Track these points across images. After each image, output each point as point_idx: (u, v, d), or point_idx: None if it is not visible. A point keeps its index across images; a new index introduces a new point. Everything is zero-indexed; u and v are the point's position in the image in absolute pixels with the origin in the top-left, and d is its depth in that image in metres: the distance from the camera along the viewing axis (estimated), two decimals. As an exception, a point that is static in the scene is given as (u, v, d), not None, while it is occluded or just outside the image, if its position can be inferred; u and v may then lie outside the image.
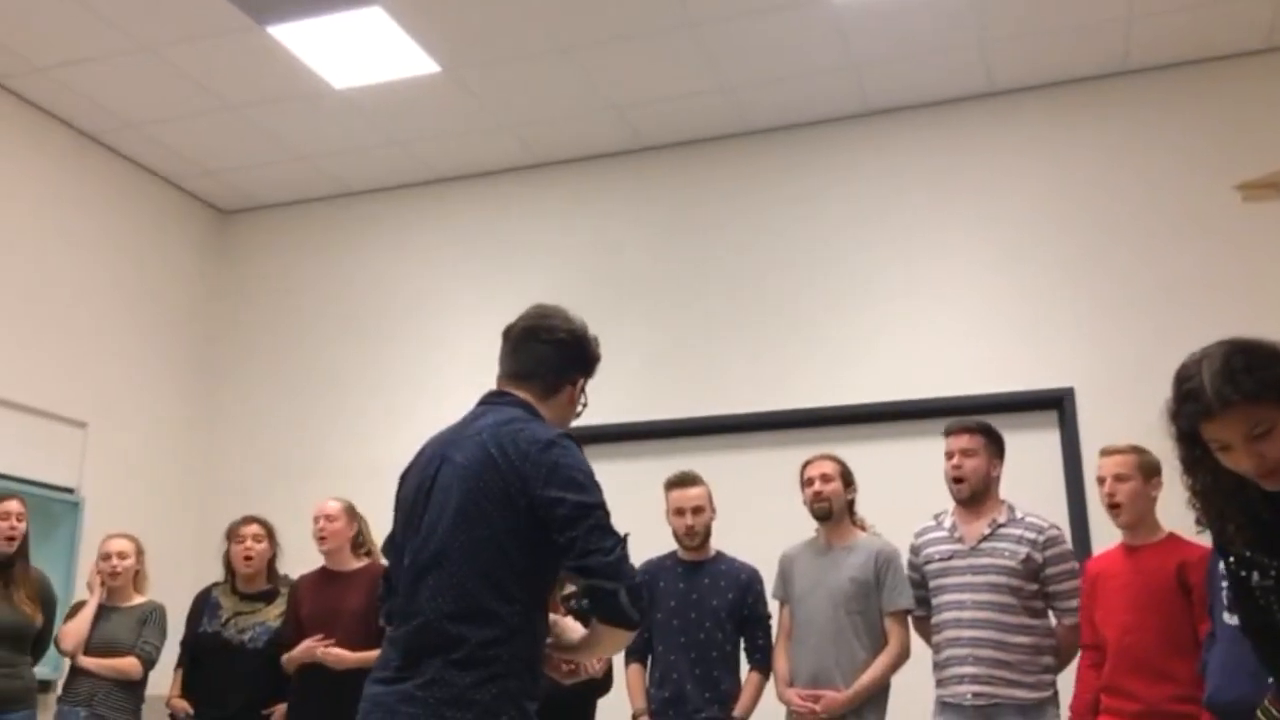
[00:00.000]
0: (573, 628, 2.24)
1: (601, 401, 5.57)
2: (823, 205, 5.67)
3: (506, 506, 2.06)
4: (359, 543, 4.37)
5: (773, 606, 4.01)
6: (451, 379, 5.75)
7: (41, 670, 4.46)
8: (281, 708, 4.24)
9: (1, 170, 5.38)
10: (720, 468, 4.37)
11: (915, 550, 3.78)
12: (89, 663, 4.24)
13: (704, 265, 5.79)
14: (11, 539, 4.14)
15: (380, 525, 4.52)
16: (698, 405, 5.56)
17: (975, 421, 3.74)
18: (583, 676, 2.35)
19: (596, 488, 2.10)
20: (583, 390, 2.38)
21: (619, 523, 2.13)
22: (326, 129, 5.83)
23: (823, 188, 5.70)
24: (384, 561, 4.41)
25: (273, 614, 4.39)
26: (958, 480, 3.67)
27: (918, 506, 3.93)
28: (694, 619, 3.89)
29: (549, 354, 2.32)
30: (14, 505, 4.19)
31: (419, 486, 2.22)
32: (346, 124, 5.77)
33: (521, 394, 2.29)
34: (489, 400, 2.31)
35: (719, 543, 4.08)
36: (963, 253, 5.39)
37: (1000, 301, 5.27)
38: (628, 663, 3.97)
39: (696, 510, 3.95)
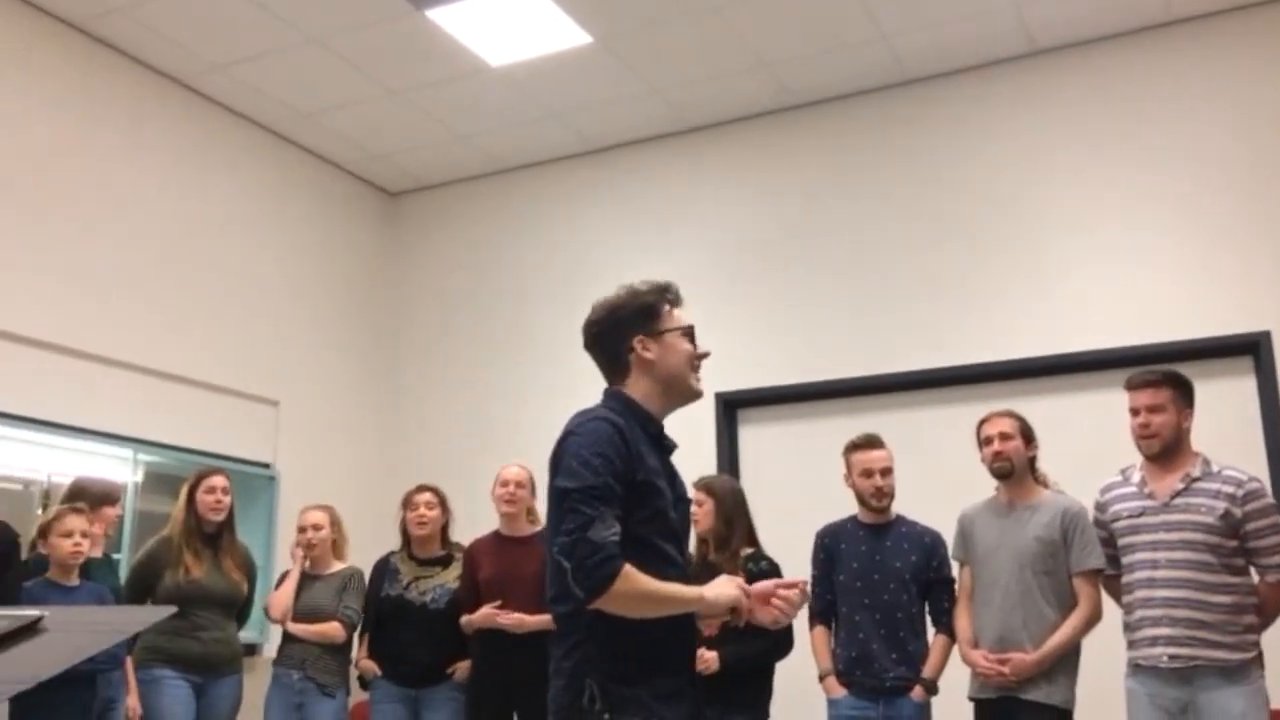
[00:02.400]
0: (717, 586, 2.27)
1: (767, 365, 5.61)
2: (988, 152, 5.47)
3: (549, 502, 2.24)
4: (530, 509, 4.50)
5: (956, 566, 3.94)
6: (616, 347, 5.83)
7: (245, 635, 4.76)
8: (464, 665, 4.41)
9: (186, 166, 5.71)
10: (890, 428, 4.28)
11: (1102, 507, 3.63)
12: (296, 629, 4.49)
13: (865, 222, 5.67)
14: (219, 511, 4.42)
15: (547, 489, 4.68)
16: (864, 365, 5.47)
17: (1160, 373, 3.55)
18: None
19: (585, 470, 2.15)
20: (656, 336, 2.35)
21: (789, 487, 2.11)
22: (485, 107, 5.95)
23: (987, 134, 5.49)
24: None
25: (451, 576, 4.55)
26: (1146, 437, 3.49)
27: (1103, 461, 3.77)
28: (877, 581, 3.87)
29: (595, 349, 2.41)
30: (221, 480, 4.46)
31: None
32: (504, 100, 5.88)
33: (615, 389, 2.38)
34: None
35: (897, 504, 4.02)
36: (1144, 192, 5.11)
37: (1187, 241, 4.98)
38: (812, 625, 3.97)
39: (885, 471, 3.92)
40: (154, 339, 5.35)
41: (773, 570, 3.90)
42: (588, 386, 6.14)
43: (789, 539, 4.18)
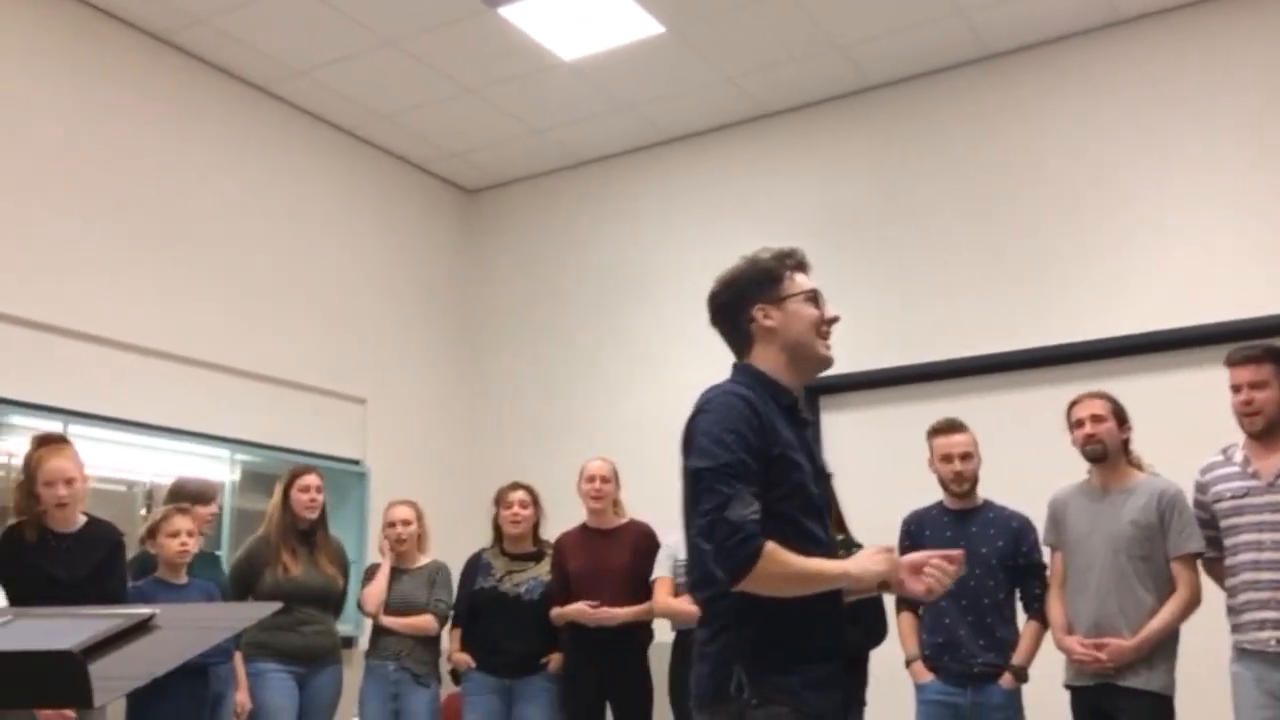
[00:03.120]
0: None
1: (849, 351, 5.53)
2: (1071, 126, 5.34)
3: (683, 483, 2.15)
4: (615, 501, 4.54)
5: (1046, 552, 3.86)
6: (695, 333, 5.81)
7: (340, 628, 4.87)
8: (557, 656, 4.46)
9: (273, 172, 5.85)
10: (979, 411, 4.21)
11: (1202, 488, 3.52)
12: (390, 622, 4.59)
13: (944, 203, 5.59)
14: (313, 509, 4.53)
15: (639, 478, 4.71)
16: (949, 348, 5.39)
17: (1261, 348, 3.44)
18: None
19: (717, 448, 2.06)
20: (778, 303, 2.26)
21: (874, 473, 2.08)
22: (559, 101, 5.98)
23: (1070, 108, 5.36)
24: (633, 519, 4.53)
25: (543, 570, 4.59)
26: (1249, 414, 3.39)
27: (1200, 441, 3.66)
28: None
29: (718, 323, 2.33)
30: (313, 479, 4.56)
31: None
32: (578, 94, 5.91)
33: (743, 363, 2.29)
34: None
35: (984, 490, 3.96)
36: (1237, 162, 4.95)
37: (1284, 213, 4.81)
38: (899, 611, 3.93)
39: (965, 456, 3.85)
40: (247, 342, 5.50)
41: (863, 557, 3.88)
42: (671, 376, 6.19)
43: (875, 526, 4.12)
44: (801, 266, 2.35)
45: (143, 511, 5.21)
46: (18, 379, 4.54)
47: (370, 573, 4.75)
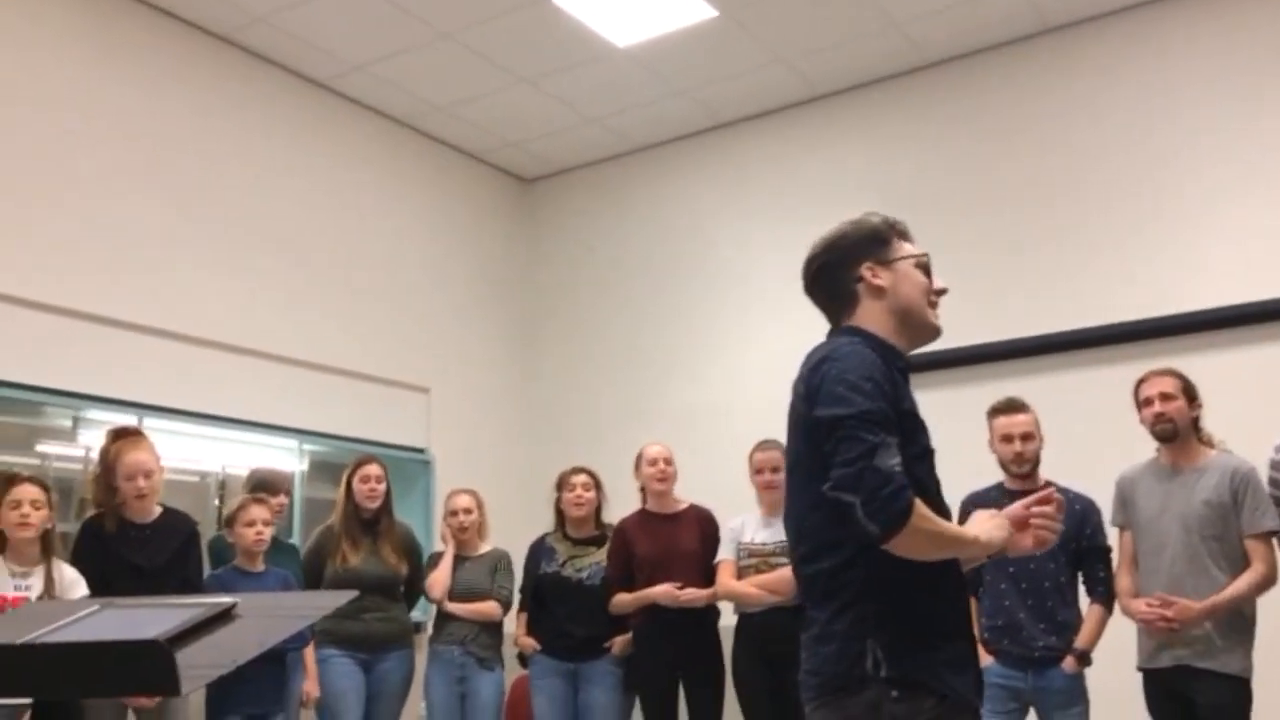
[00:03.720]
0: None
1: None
2: (1136, 98, 5.23)
3: (807, 437, 1.97)
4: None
5: (1111, 534, 3.80)
6: (755, 317, 5.83)
7: (417, 614, 4.96)
8: (621, 639, 4.49)
9: (330, 163, 5.94)
10: (1044, 391, 4.15)
11: (1277, 465, 3.45)
12: (455, 608, 4.65)
13: (1005, 180, 5.51)
14: (374, 498, 4.60)
15: (695, 463, 4.72)
16: (1012, 328, 5.32)
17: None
18: None
19: (856, 395, 1.88)
20: (887, 264, 2.12)
21: (942, 456, 2.04)
22: (613, 88, 5.99)
23: (1135, 80, 5.25)
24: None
25: (605, 554, 4.63)
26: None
27: (1274, 418, 3.58)
28: None
29: (825, 285, 2.14)
30: (374, 469, 4.62)
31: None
32: (632, 81, 5.91)
33: (844, 324, 2.12)
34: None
35: (1047, 471, 3.90)
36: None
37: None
38: None
39: (1025, 437, 3.78)
40: (314, 335, 5.61)
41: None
42: (728, 361, 6.16)
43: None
44: (906, 235, 2.22)
45: (215, 501, 5.35)
46: (94, 374, 4.68)
47: (434, 560, 4.82)
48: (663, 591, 4.30)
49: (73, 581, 3.61)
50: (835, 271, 2.13)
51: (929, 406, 2.13)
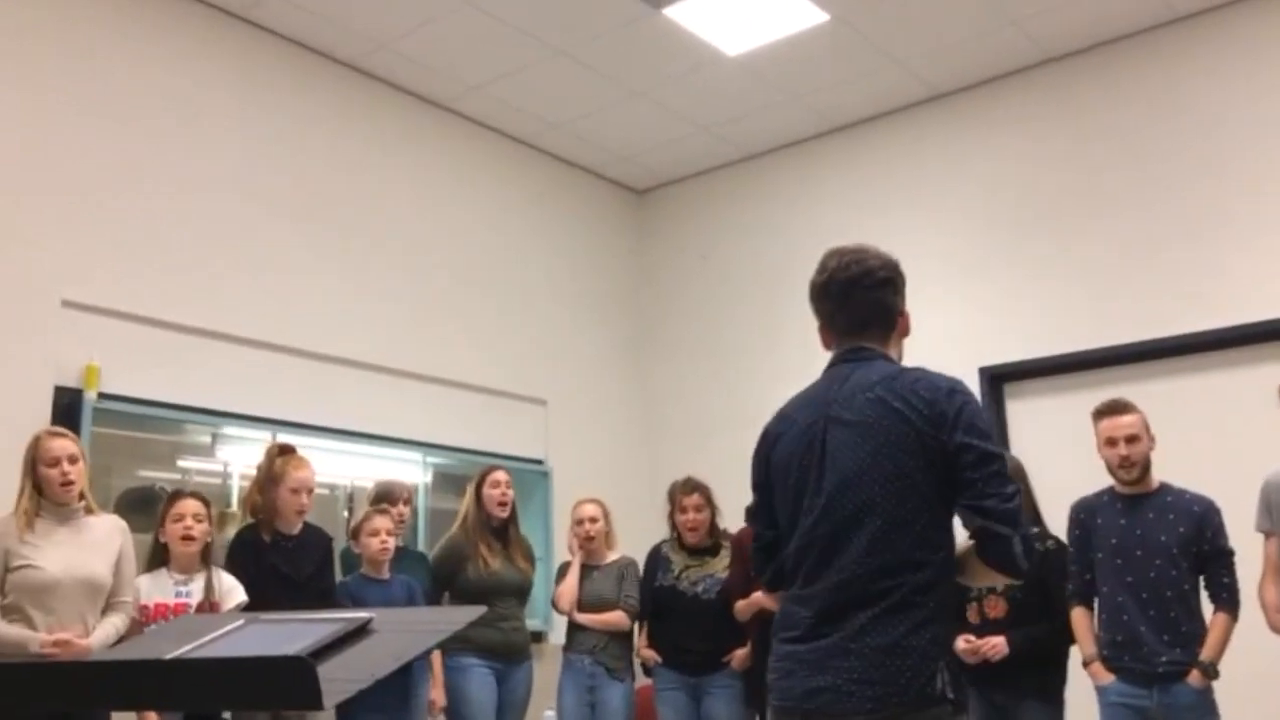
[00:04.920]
0: None
1: (1032, 336, 5.36)
2: (1267, 91, 4.98)
3: (920, 456, 2.04)
4: None
5: (1242, 540, 3.57)
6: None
7: (531, 623, 5.02)
8: (740, 652, 4.46)
9: (449, 182, 6.08)
10: (1171, 395, 3.99)
11: None
12: (584, 618, 4.69)
13: (1131, 177, 5.31)
14: (504, 506, 4.69)
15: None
16: (1138, 330, 5.13)
17: None
18: None
19: (996, 438, 2.08)
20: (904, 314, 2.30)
21: (1064, 464, 2.02)
22: (726, 97, 5.99)
23: (1269, 71, 5.01)
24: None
25: (720, 566, 4.61)
26: None
27: None
28: (1139, 557, 3.56)
29: (880, 298, 2.26)
30: (503, 475, 4.73)
31: (806, 450, 2.17)
32: (744, 89, 5.90)
33: (870, 345, 2.24)
34: (849, 358, 2.23)
35: (1169, 476, 3.72)
36: None
37: None
38: (1070, 606, 3.71)
39: (1130, 439, 3.61)
40: (435, 349, 5.74)
41: (1060, 550, 3.73)
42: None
43: (1063, 518, 3.96)
44: None
45: (344, 513, 5.51)
46: (231, 392, 4.87)
47: (562, 571, 4.88)
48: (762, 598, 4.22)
49: (231, 588, 3.80)
50: (887, 302, 2.26)
51: (1050, 412, 2.13)
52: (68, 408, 4.32)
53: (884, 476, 2.05)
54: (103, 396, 4.42)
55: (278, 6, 5.12)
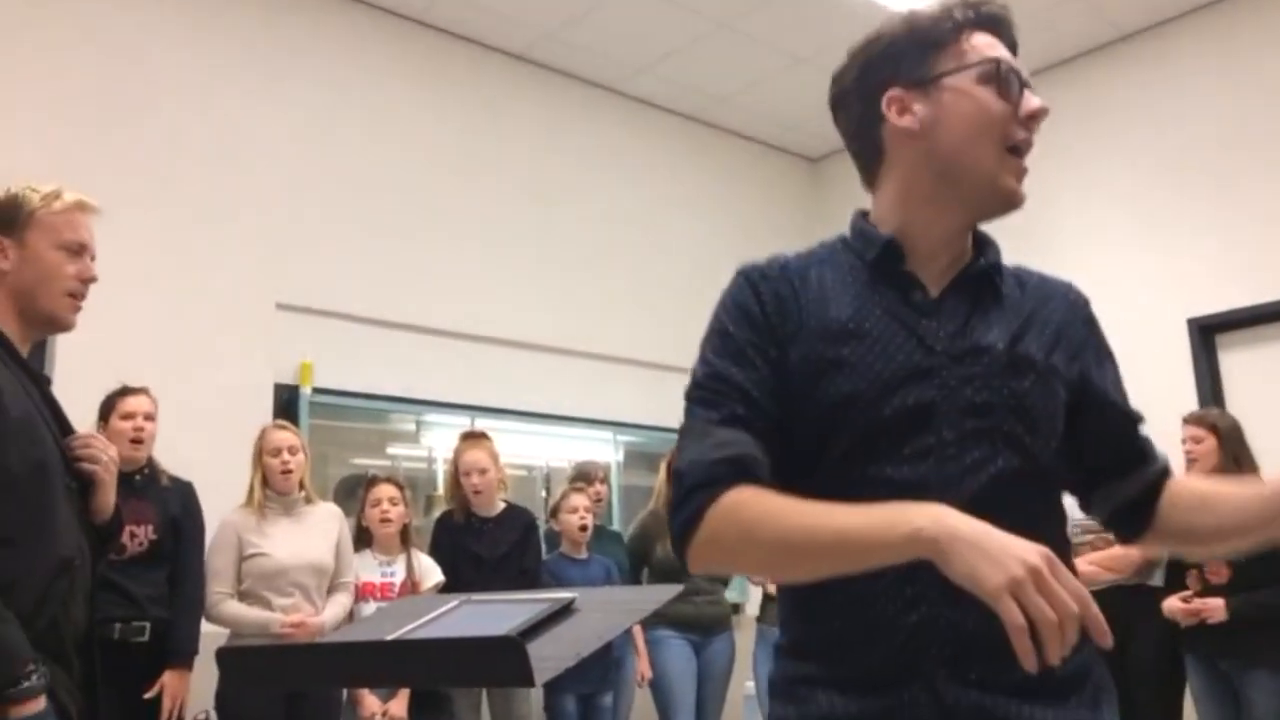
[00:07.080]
0: None
1: (1246, 283, 5.02)
2: None
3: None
4: None
5: None
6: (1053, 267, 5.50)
7: (729, 595, 5.08)
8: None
9: (624, 164, 6.17)
10: None
11: None
12: (774, 589, 4.73)
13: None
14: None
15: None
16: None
17: None
18: None
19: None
20: (925, 85, 1.29)
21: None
22: (897, 56, 5.83)
23: None
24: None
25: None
26: None
27: None
28: None
29: (840, 126, 1.39)
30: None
31: None
32: (915, 46, 5.73)
33: (863, 211, 1.45)
34: None
35: None
36: None
37: None
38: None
39: None
40: (620, 330, 5.86)
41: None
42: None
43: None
44: (983, 21, 1.30)
45: (543, 493, 5.71)
46: (433, 381, 5.12)
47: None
48: None
49: (429, 569, 4.01)
50: (851, 105, 1.36)
51: (1274, 364, 1.93)
52: (287, 403, 4.65)
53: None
54: (317, 391, 4.73)
55: (450, 6, 5.31)
